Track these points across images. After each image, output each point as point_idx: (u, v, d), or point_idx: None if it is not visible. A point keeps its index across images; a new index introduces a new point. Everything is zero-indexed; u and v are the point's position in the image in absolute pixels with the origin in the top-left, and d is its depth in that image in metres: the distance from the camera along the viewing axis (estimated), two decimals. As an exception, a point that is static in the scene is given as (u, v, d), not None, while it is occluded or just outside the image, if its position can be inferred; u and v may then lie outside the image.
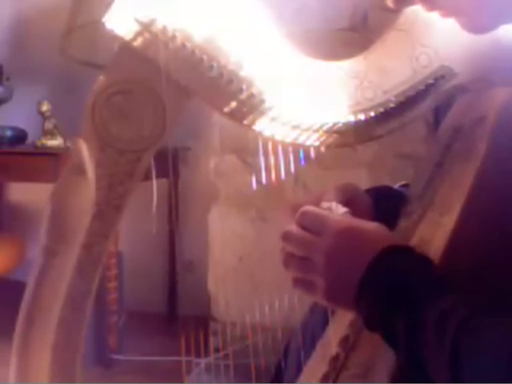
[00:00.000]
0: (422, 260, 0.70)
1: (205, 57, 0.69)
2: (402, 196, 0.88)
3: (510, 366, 0.58)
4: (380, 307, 0.67)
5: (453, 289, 0.67)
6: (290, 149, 0.75)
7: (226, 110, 0.71)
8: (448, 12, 0.72)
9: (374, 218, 0.86)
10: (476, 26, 0.72)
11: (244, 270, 2.18)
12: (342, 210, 0.78)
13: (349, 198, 0.84)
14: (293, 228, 0.74)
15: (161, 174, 0.76)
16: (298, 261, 0.73)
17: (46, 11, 2.76)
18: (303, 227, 0.73)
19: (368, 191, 0.92)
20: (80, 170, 0.70)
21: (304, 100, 0.73)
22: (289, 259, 0.74)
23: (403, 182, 0.98)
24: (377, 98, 0.75)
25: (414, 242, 0.77)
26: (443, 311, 0.63)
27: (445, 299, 0.65)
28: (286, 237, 0.74)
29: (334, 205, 0.78)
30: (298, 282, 0.74)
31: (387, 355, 0.69)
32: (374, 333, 0.69)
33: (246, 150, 2.08)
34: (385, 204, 0.89)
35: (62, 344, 0.72)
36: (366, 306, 0.68)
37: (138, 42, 0.68)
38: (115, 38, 0.68)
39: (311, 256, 0.71)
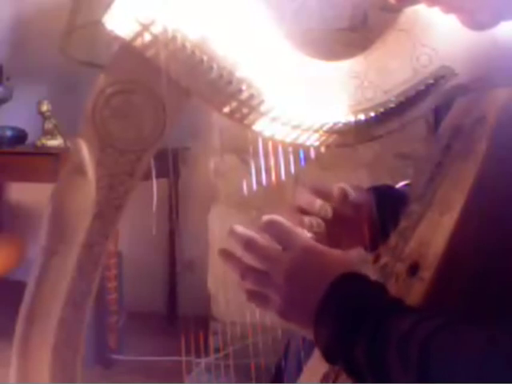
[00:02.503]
0: (377, 285, 0.70)
1: (205, 57, 0.69)
2: (402, 195, 0.88)
3: (479, 378, 0.57)
4: (339, 334, 0.65)
5: (412, 310, 0.66)
6: (290, 149, 0.75)
7: (225, 110, 0.71)
8: (449, 8, 0.72)
9: (375, 218, 0.86)
10: (476, 22, 0.72)
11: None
12: (308, 234, 0.77)
13: (360, 199, 0.85)
14: (257, 237, 0.72)
15: (161, 174, 0.76)
16: (257, 273, 0.71)
17: (45, 11, 2.76)
18: (268, 237, 0.72)
19: (368, 190, 0.92)
20: (80, 170, 0.70)
21: (304, 100, 0.73)
22: (247, 270, 0.72)
23: (404, 182, 0.98)
24: (377, 98, 0.75)
25: (413, 242, 0.77)
26: (405, 331, 0.62)
27: (404, 319, 0.63)
28: (249, 246, 0.72)
29: (307, 219, 0.77)
30: (253, 295, 0.72)
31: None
32: (334, 364, 0.68)
33: (246, 150, 2.07)
34: (386, 203, 0.89)
35: (62, 344, 0.72)
36: (325, 334, 0.67)
37: (138, 43, 0.68)
38: (115, 38, 0.68)
39: (271, 271, 0.70)
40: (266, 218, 0.73)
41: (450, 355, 0.59)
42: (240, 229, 0.74)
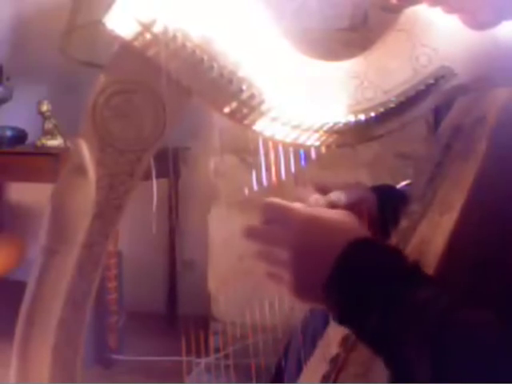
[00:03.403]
0: (392, 251, 0.68)
1: (205, 57, 0.69)
2: (403, 196, 0.88)
3: (492, 358, 0.57)
4: (351, 305, 0.64)
5: (430, 281, 0.64)
6: (291, 149, 0.75)
7: (226, 110, 0.72)
8: (450, 8, 0.72)
9: (377, 216, 0.86)
10: (478, 22, 0.72)
11: (244, 270, 2.18)
12: (321, 201, 0.76)
13: (358, 198, 0.85)
14: (254, 224, 0.71)
15: (161, 174, 0.76)
16: (267, 255, 0.70)
17: (45, 11, 2.76)
18: (267, 220, 0.71)
19: (373, 189, 0.92)
20: (80, 170, 0.70)
21: (304, 100, 0.73)
22: (258, 254, 0.72)
23: (405, 182, 0.98)
24: (377, 98, 0.75)
25: (413, 241, 0.77)
26: (419, 303, 0.61)
27: (420, 291, 0.62)
28: (249, 233, 0.72)
29: (313, 196, 0.77)
30: (270, 277, 0.71)
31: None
32: (346, 328, 0.67)
33: (246, 150, 2.08)
34: (386, 203, 0.89)
35: (62, 344, 0.72)
36: (337, 304, 0.65)
37: (138, 42, 0.68)
38: (115, 38, 0.68)
39: (276, 249, 0.69)
40: (262, 202, 0.72)
41: (465, 332, 0.59)
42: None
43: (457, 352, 0.58)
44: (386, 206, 0.88)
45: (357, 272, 0.65)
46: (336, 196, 0.84)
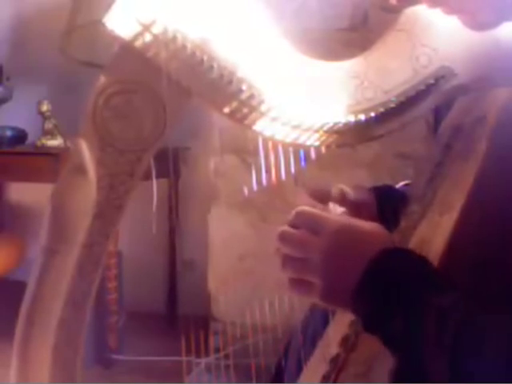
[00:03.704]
0: (420, 260, 0.69)
1: (205, 57, 0.69)
2: (403, 196, 0.88)
3: (510, 364, 0.58)
4: (378, 308, 0.66)
5: (453, 287, 0.66)
6: (291, 149, 0.75)
7: (226, 110, 0.72)
8: (451, 9, 0.72)
9: (377, 217, 0.86)
10: (478, 22, 0.72)
11: (244, 270, 2.18)
12: (339, 209, 0.77)
13: (359, 198, 0.85)
14: (289, 228, 0.73)
15: (161, 174, 0.76)
16: (295, 261, 0.71)
17: (45, 11, 2.76)
18: (299, 227, 0.72)
19: (369, 190, 0.92)
20: (80, 170, 0.70)
21: (304, 100, 0.73)
22: (286, 260, 0.72)
23: (405, 182, 0.98)
24: (377, 98, 0.75)
25: (414, 241, 0.77)
26: (443, 309, 0.62)
27: (444, 297, 0.64)
28: (283, 237, 0.73)
29: (331, 205, 0.78)
30: (295, 284, 0.72)
31: (388, 354, 0.69)
32: (373, 335, 0.69)
33: (246, 150, 2.08)
34: (386, 203, 0.89)
35: (63, 344, 0.72)
36: (364, 308, 0.67)
37: (138, 43, 0.68)
38: (115, 38, 0.68)
39: (308, 256, 0.70)
40: (294, 210, 0.73)
41: (485, 338, 0.60)
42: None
43: (475, 356, 0.60)
44: (385, 207, 0.88)
45: (386, 278, 0.67)
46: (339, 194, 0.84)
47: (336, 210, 0.77)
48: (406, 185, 0.96)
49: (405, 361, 0.66)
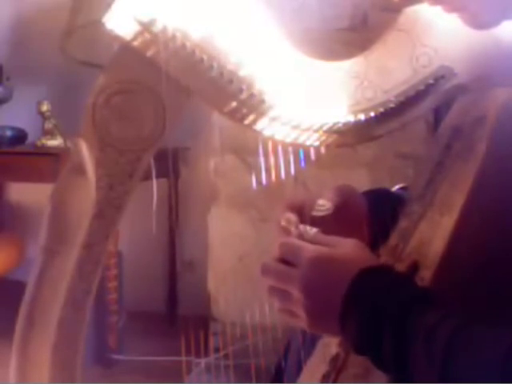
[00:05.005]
0: (401, 277, 0.69)
1: (205, 57, 0.69)
2: (399, 199, 0.87)
3: (502, 378, 0.58)
4: (365, 330, 0.66)
5: (441, 301, 0.66)
6: (290, 149, 0.75)
7: (226, 110, 0.71)
8: (451, 7, 0.72)
9: (369, 221, 0.86)
10: (479, 21, 0.72)
11: (244, 270, 2.18)
12: (312, 231, 0.77)
13: (344, 199, 0.84)
14: (269, 261, 0.73)
15: (161, 174, 0.76)
16: (279, 293, 0.72)
17: (45, 11, 2.76)
18: (282, 259, 0.72)
19: (365, 193, 0.92)
20: (80, 170, 0.70)
21: (304, 100, 0.73)
22: (270, 292, 0.73)
23: (401, 185, 0.98)
24: (377, 98, 0.75)
25: (413, 242, 0.76)
26: (431, 326, 0.62)
27: (431, 313, 0.63)
28: (264, 270, 0.73)
29: (302, 227, 0.77)
30: (283, 313, 0.73)
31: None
32: (364, 357, 0.68)
33: (246, 150, 2.08)
34: (381, 207, 0.88)
35: (62, 344, 0.72)
36: (351, 331, 0.67)
37: (138, 42, 0.68)
38: (115, 38, 0.68)
39: (289, 289, 0.70)
40: (279, 242, 0.74)
41: (473, 353, 0.60)
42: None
43: (466, 370, 0.60)
44: (378, 210, 0.87)
45: (368, 297, 0.66)
46: (322, 206, 0.84)
47: (310, 232, 0.77)
48: (402, 188, 0.96)
49: (397, 379, 0.66)
